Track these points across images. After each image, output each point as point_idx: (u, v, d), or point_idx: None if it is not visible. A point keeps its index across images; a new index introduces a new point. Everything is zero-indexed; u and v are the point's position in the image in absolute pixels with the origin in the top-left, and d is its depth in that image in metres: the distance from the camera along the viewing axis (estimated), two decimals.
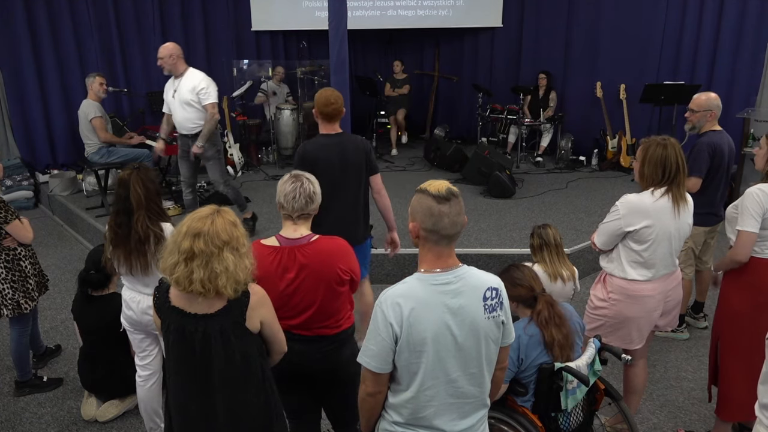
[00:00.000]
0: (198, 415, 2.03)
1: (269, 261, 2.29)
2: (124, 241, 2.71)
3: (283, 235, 2.35)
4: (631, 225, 2.68)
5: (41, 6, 6.92)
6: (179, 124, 4.94)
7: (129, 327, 2.92)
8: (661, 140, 2.67)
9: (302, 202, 2.32)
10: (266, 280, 2.26)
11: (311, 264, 2.29)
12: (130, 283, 2.84)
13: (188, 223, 1.93)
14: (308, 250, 2.30)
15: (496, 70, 9.06)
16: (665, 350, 3.97)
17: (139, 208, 2.69)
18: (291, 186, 2.34)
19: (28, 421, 3.31)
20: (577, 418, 2.44)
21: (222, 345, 1.97)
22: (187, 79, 4.80)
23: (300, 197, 2.32)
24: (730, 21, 6.83)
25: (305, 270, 2.28)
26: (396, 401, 1.81)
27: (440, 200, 1.71)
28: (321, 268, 2.30)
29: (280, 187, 2.36)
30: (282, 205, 2.35)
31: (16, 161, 7.01)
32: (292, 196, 2.32)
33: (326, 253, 2.33)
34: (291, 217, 2.35)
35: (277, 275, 2.28)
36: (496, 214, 5.94)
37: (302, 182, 2.35)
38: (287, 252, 2.30)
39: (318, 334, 2.37)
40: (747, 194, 2.72)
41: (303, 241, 2.32)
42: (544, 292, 2.50)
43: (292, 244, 2.32)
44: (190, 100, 4.77)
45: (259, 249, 2.32)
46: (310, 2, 8.59)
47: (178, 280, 1.90)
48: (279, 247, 2.31)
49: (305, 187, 2.34)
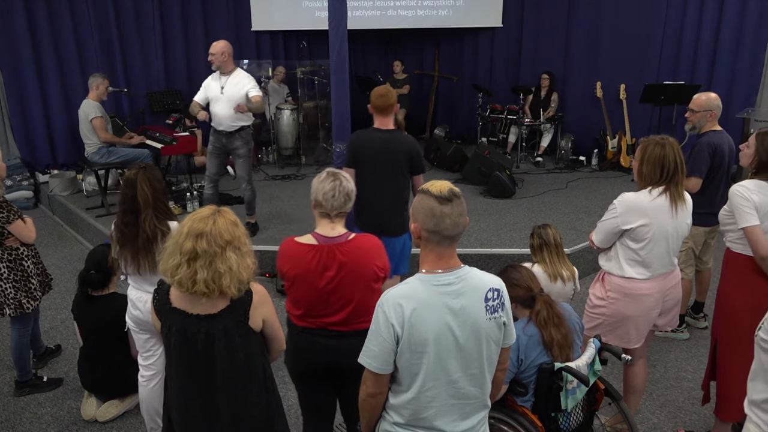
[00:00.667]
0: (200, 416, 2.03)
1: (308, 259, 2.29)
2: (131, 241, 2.71)
3: (320, 234, 2.35)
4: (628, 223, 2.69)
5: (41, 6, 6.91)
6: (219, 120, 5.04)
7: (135, 327, 2.90)
8: (660, 139, 2.67)
9: (341, 200, 2.33)
10: (305, 277, 2.27)
11: (350, 262, 2.30)
12: (136, 283, 2.84)
13: (189, 224, 1.93)
14: (347, 248, 2.31)
15: (496, 70, 9.06)
16: (665, 350, 3.97)
17: (146, 208, 2.69)
18: (330, 184, 2.33)
19: (28, 421, 3.31)
20: (577, 418, 2.44)
21: (225, 345, 1.97)
22: (236, 77, 4.99)
23: (339, 195, 2.33)
24: (730, 21, 6.83)
25: (345, 268, 2.29)
26: (397, 402, 1.81)
27: (442, 201, 1.71)
28: (359, 265, 2.31)
29: (318, 185, 2.35)
30: (320, 203, 2.34)
31: (16, 161, 7.01)
32: (331, 194, 2.32)
33: (364, 251, 2.34)
34: (329, 215, 2.35)
35: (316, 273, 2.29)
36: (496, 214, 5.94)
37: (341, 181, 2.35)
38: (326, 250, 2.30)
39: (355, 329, 2.38)
40: (732, 195, 2.75)
41: (341, 239, 2.33)
42: (542, 292, 2.50)
43: (331, 242, 2.32)
44: (238, 98, 4.92)
45: (295, 247, 2.33)
46: (310, 2, 8.59)
47: (181, 282, 1.90)
48: (318, 246, 2.31)
49: (344, 186, 2.35)
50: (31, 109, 7.13)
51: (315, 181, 2.38)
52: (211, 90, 5.07)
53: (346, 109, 4.22)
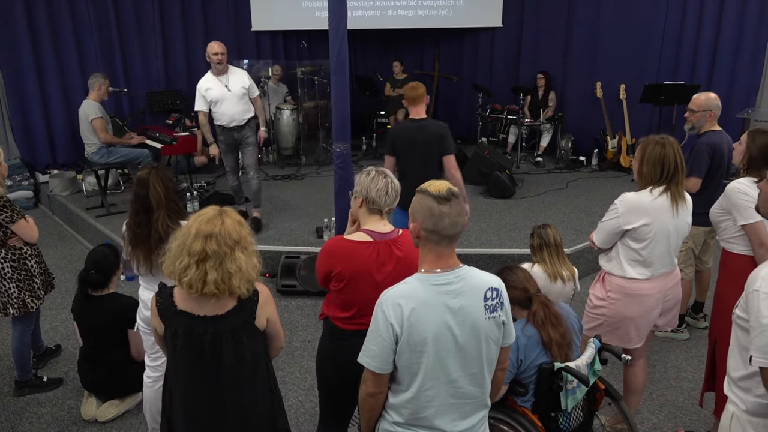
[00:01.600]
0: (207, 417, 2.03)
1: (366, 255, 2.30)
2: (144, 241, 2.70)
3: (373, 230, 2.35)
4: (630, 223, 2.68)
5: (41, 6, 6.91)
6: (231, 117, 5.16)
7: (145, 328, 2.88)
8: (660, 139, 2.67)
9: (393, 197, 2.35)
10: (362, 274, 2.28)
11: (406, 256, 2.31)
12: (147, 284, 2.83)
13: (196, 225, 1.93)
14: (401, 243, 2.33)
15: (496, 70, 9.06)
16: (665, 350, 3.97)
17: (159, 208, 2.68)
18: (383, 181, 2.34)
19: (28, 421, 3.31)
20: (577, 418, 2.44)
21: (233, 345, 1.98)
22: (236, 74, 5.23)
23: (392, 192, 2.34)
24: (730, 21, 6.83)
25: (402, 262, 2.30)
26: (396, 401, 1.81)
27: (441, 200, 1.72)
28: (413, 259, 2.31)
29: (369, 183, 2.34)
30: (373, 200, 2.33)
31: (16, 161, 7.01)
32: (384, 191, 2.33)
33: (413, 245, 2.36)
34: (380, 211, 2.36)
35: (375, 268, 2.29)
36: (496, 214, 5.94)
37: (390, 178, 2.37)
38: (383, 246, 2.31)
39: None
40: (730, 192, 2.75)
41: (393, 234, 2.35)
42: (539, 292, 2.50)
43: (386, 238, 2.33)
44: (243, 93, 5.19)
45: (349, 245, 2.32)
46: (310, 2, 8.59)
47: (191, 283, 1.90)
48: (374, 242, 2.32)
49: (395, 183, 2.37)
50: (31, 109, 7.13)
51: (364, 180, 2.37)
52: (214, 92, 5.13)
53: (346, 109, 4.22)
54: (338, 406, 2.56)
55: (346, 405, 2.54)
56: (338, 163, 4.36)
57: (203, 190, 6.62)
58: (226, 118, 5.17)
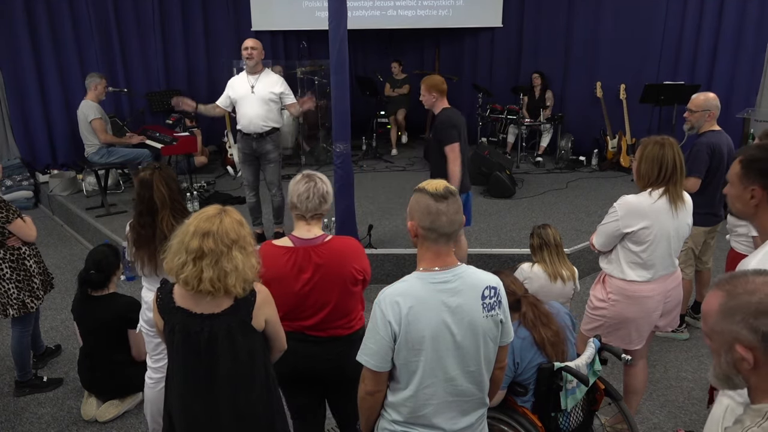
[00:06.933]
0: (203, 415, 2.03)
1: (284, 261, 2.28)
2: (148, 242, 2.68)
3: (296, 236, 2.33)
4: (629, 226, 2.68)
5: (41, 6, 6.91)
6: (250, 121, 4.75)
7: (148, 329, 2.86)
8: (660, 139, 2.66)
9: (316, 202, 2.31)
10: (281, 280, 2.25)
11: (326, 264, 2.28)
12: (151, 285, 2.80)
13: (195, 223, 1.94)
14: (323, 250, 2.30)
15: (496, 70, 9.06)
16: (665, 350, 3.97)
17: (163, 208, 2.65)
18: (304, 186, 2.31)
19: (28, 421, 3.31)
20: (577, 418, 2.44)
21: (229, 344, 1.98)
22: (268, 78, 4.81)
23: (313, 197, 2.30)
24: (730, 21, 6.83)
25: (321, 270, 2.28)
26: (395, 400, 1.81)
27: (438, 198, 1.72)
28: (336, 267, 2.29)
29: (293, 187, 2.33)
30: (295, 205, 2.32)
31: (16, 161, 7.01)
32: (305, 196, 2.30)
33: (341, 252, 2.33)
34: (304, 217, 2.33)
35: (292, 275, 2.28)
36: (496, 214, 5.94)
37: (315, 182, 2.33)
38: (302, 252, 2.29)
39: (332, 335, 2.36)
40: None
41: (317, 241, 2.31)
42: (527, 293, 2.50)
43: (307, 244, 2.30)
44: (269, 98, 4.75)
45: (271, 250, 2.31)
46: (310, 2, 8.59)
47: (187, 280, 1.90)
48: (293, 248, 2.30)
49: (319, 187, 2.32)
50: (31, 109, 7.13)
51: (291, 184, 2.35)
52: (238, 90, 4.78)
53: (346, 109, 4.23)
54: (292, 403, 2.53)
55: (299, 403, 2.50)
56: (338, 163, 4.37)
57: (203, 190, 6.62)
58: (245, 121, 4.76)
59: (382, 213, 5.96)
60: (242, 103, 4.76)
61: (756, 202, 1.78)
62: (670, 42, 7.33)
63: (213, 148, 8.19)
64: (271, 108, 4.79)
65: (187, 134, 6.43)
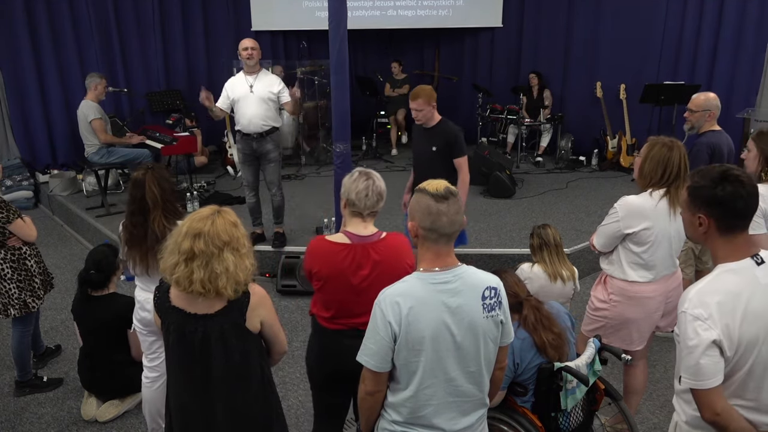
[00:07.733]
0: (198, 416, 2.03)
1: (341, 257, 2.28)
2: (140, 242, 2.68)
3: (353, 232, 2.33)
4: (630, 227, 2.67)
5: (41, 6, 6.91)
6: (249, 121, 4.74)
7: (142, 329, 2.87)
8: (668, 141, 2.64)
9: (374, 200, 2.32)
10: (338, 276, 2.26)
11: (384, 260, 2.29)
12: (144, 284, 2.81)
13: (188, 224, 1.93)
14: (380, 247, 2.31)
15: (496, 70, 9.06)
16: (665, 350, 3.97)
17: (155, 208, 2.66)
18: (363, 184, 2.31)
19: (28, 421, 3.31)
20: (577, 418, 2.44)
21: (222, 345, 1.97)
22: (266, 78, 4.85)
23: (372, 195, 2.31)
24: (730, 21, 6.83)
25: (379, 266, 2.29)
26: (395, 400, 1.81)
27: (438, 199, 1.72)
28: (393, 263, 2.30)
29: (351, 185, 2.32)
30: (353, 202, 2.31)
31: (16, 161, 7.01)
32: (365, 194, 2.30)
33: (396, 249, 2.34)
34: (361, 214, 2.33)
35: (350, 271, 2.28)
36: (496, 214, 5.94)
37: (374, 180, 2.34)
38: (360, 249, 2.29)
39: None
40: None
41: (374, 238, 2.32)
42: (530, 295, 2.49)
43: (365, 241, 2.31)
44: (268, 98, 4.76)
45: (327, 246, 2.31)
46: (310, 2, 8.59)
47: (179, 281, 1.91)
48: (351, 245, 2.30)
49: (377, 185, 2.33)
50: (31, 109, 7.12)
51: (347, 181, 2.35)
52: (237, 90, 4.78)
53: (346, 109, 4.23)
54: (325, 402, 2.55)
55: (333, 402, 2.52)
56: (338, 163, 4.37)
57: (203, 190, 6.62)
58: (244, 120, 4.74)
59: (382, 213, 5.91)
60: (241, 103, 4.77)
61: (704, 229, 1.77)
62: (670, 42, 7.32)
63: (213, 148, 8.19)
64: (270, 107, 4.80)
65: (187, 134, 6.43)
